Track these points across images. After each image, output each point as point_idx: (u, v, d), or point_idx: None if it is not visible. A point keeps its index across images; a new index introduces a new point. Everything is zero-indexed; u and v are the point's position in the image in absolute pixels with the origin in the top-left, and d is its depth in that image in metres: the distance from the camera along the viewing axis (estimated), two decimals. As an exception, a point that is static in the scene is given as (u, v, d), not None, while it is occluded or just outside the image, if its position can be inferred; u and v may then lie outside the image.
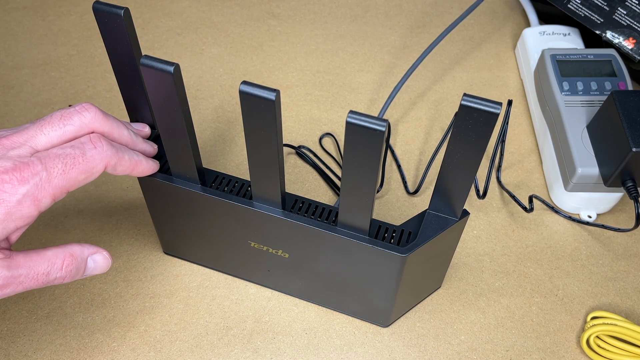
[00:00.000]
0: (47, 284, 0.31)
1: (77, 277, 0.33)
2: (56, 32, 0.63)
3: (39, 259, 0.30)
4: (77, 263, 0.32)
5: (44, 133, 0.31)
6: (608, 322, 0.42)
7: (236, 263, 0.44)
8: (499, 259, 0.47)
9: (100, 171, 0.32)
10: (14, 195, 0.28)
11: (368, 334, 0.43)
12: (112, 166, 0.32)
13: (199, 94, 0.58)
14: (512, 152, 0.54)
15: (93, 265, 0.33)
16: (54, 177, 0.30)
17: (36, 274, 0.30)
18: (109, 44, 0.34)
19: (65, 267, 0.31)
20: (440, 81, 0.60)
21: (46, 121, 0.31)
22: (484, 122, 0.30)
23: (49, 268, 0.31)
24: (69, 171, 0.30)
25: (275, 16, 0.66)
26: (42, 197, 0.29)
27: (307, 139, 0.55)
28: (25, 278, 0.30)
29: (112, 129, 0.33)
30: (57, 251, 0.32)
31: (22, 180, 0.29)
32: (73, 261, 0.32)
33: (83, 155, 0.31)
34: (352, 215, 0.35)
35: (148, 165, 0.36)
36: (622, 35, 0.54)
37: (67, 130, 0.31)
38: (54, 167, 0.30)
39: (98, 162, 0.31)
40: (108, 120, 0.33)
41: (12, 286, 0.29)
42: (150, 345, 0.42)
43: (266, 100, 0.29)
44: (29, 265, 0.30)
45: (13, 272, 0.29)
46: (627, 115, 0.44)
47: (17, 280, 0.29)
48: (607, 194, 0.48)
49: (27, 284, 0.30)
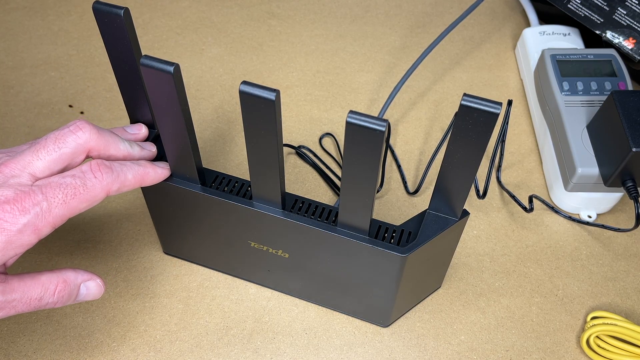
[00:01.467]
0: (38, 308, 0.31)
1: (69, 302, 0.33)
2: (56, 32, 0.63)
3: (32, 283, 0.31)
4: (70, 289, 0.33)
5: (40, 158, 0.31)
6: (608, 322, 0.42)
7: (236, 263, 0.44)
8: (499, 259, 0.47)
9: (102, 198, 0.32)
10: (15, 225, 0.29)
11: (368, 334, 0.43)
12: (116, 190, 0.33)
13: (199, 94, 0.58)
14: (512, 152, 0.54)
15: (85, 292, 0.34)
16: (54, 207, 0.30)
17: (29, 299, 0.30)
18: (109, 44, 0.34)
19: (57, 293, 0.32)
20: (440, 81, 0.60)
21: (41, 145, 0.31)
22: (484, 122, 0.30)
23: (42, 293, 0.31)
24: (70, 201, 0.30)
25: (275, 16, 0.66)
26: (42, 226, 0.30)
27: (307, 139, 0.55)
28: (18, 303, 0.30)
29: (107, 145, 0.33)
30: (51, 276, 0.32)
31: (23, 210, 0.29)
32: (66, 287, 0.32)
33: (84, 185, 0.31)
34: (352, 215, 0.35)
35: (157, 174, 0.36)
36: (622, 35, 0.54)
37: (63, 153, 0.31)
38: (54, 197, 0.30)
39: (99, 191, 0.32)
40: (103, 137, 0.33)
41: (4, 310, 0.30)
42: (150, 345, 0.42)
43: (266, 100, 0.29)
44: (23, 290, 0.30)
45: (7, 297, 0.30)
46: (627, 115, 0.44)
47: (10, 305, 0.30)
48: (607, 194, 0.48)
49: (20, 308, 0.30)
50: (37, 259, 0.46)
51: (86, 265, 0.45)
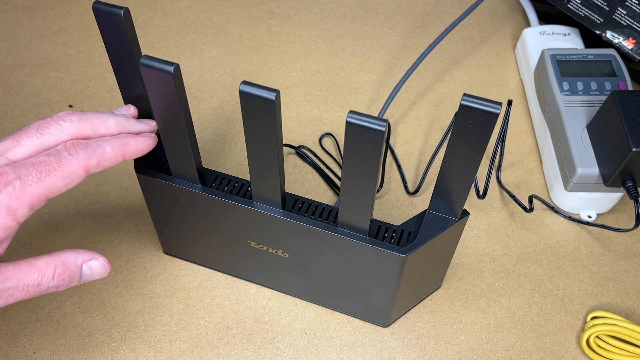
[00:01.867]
0: (40, 294, 0.30)
1: (73, 284, 0.32)
2: (56, 32, 0.63)
3: (29, 269, 0.30)
4: (71, 271, 0.31)
5: (22, 144, 0.31)
6: (608, 322, 0.42)
7: (236, 263, 0.44)
8: (499, 259, 0.47)
9: (82, 175, 0.31)
10: None
11: (368, 334, 0.43)
12: (95, 166, 0.32)
13: (199, 94, 0.58)
14: (512, 152, 0.54)
15: (89, 272, 0.33)
16: (28, 185, 0.29)
17: (26, 285, 0.30)
18: (109, 44, 0.34)
19: (57, 276, 0.31)
20: (440, 81, 0.60)
21: (24, 132, 0.31)
22: (484, 122, 0.30)
23: (39, 278, 0.30)
24: (45, 179, 0.30)
25: (275, 16, 0.66)
26: (17, 206, 0.29)
27: (307, 139, 0.55)
28: (14, 290, 0.29)
29: (95, 127, 0.33)
30: (48, 260, 0.31)
31: None
32: (65, 269, 0.31)
33: (59, 162, 0.30)
34: (352, 215, 0.35)
35: (139, 143, 0.34)
36: (622, 35, 0.54)
37: (46, 140, 0.31)
38: (27, 175, 0.29)
39: (76, 167, 0.31)
40: (88, 121, 0.32)
41: (2, 299, 0.29)
42: (150, 345, 0.42)
43: (266, 100, 0.29)
44: (19, 277, 0.29)
45: (2, 284, 0.29)
46: (627, 115, 0.44)
47: (7, 293, 0.29)
48: (607, 194, 0.48)
49: (18, 296, 0.30)
50: (37, 259, 0.46)
51: (86, 265, 0.45)
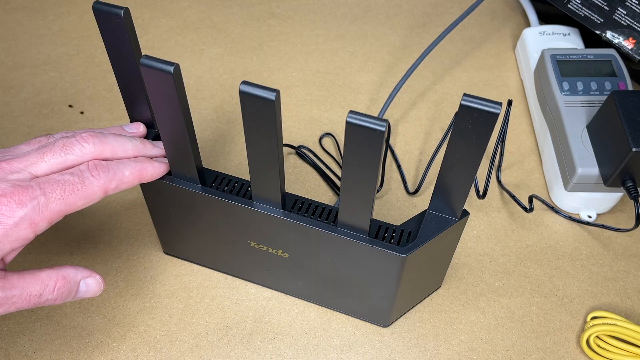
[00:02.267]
0: (38, 305, 0.32)
1: (69, 299, 0.33)
2: (56, 32, 0.63)
3: (32, 280, 0.31)
4: (70, 286, 0.33)
5: (45, 160, 0.32)
6: (608, 322, 0.42)
7: (236, 263, 0.44)
8: (499, 259, 0.47)
9: (100, 196, 0.33)
10: (12, 217, 0.29)
11: (368, 334, 0.43)
12: (114, 188, 0.33)
13: (199, 94, 0.58)
14: (512, 152, 0.54)
15: (85, 289, 0.34)
16: (52, 202, 0.31)
17: (29, 295, 0.31)
18: (109, 44, 0.34)
19: (57, 290, 0.32)
20: (440, 81, 0.60)
21: (49, 149, 0.32)
22: (484, 122, 0.30)
23: (41, 290, 0.31)
24: (67, 197, 0.31)
25: (275, 16, 0.66)
26: (39, 220, 0.30)
27: (307, 139, 0.55)
28: (18, 299, 0.30)
29: (114, 150, 0.34)
30: (51, 273, 0.32)
31: (20, 203, 0.30)
32: (65, 284, 0.33)
33: (82, 182, 0.32)
34: (352, 215, 0.35)
35: (155, 169, 0.36)
36: (622, 35, 0.54)
37: (68, 159, 0.33)
38: (52, 192, 0.31)
39: (97, 189, 0.32)
40: (108, 144, 0.34)
41: (4, 306, 0.30)
42: (150, 345, 0.42)
43: (266, 100, 0.29)
44: (22, 286, 0.31)
45: (7, 292, 0.30)
46: (627, 115, 0.44)
47: (10, 301, 0.30)
48: (607, 194, 0.48)
49: (19, 305, 0.31)
50: (37, 259, 0.46)
51: (86, 265, 0.45)
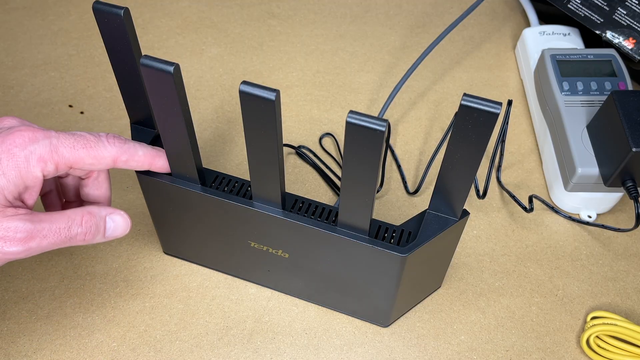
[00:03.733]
0: (69, 240, 0.33)
1: (98, 236, 0.34)
2: (56, 32, 0.63)
3: (59, 216, 0.32)
4: (96, 220, 0.34)
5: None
6: (608, 322, 0.42)
7: (236, 263, 0.44)
8: (499, 259, 0.47)
9: (109, 164, 0.34)
10: (23, 150, 0.31)
11: (368, 334, 0.43)
12: (124, 161, 0.35)
13: (199, 94, 0.58)
14: (512, 152, 0.54)
15: (113, 225, 0.35)
16: (62, 147, 0.32)
17: (58, 229, 0.32)
18: (109, 44, 0.34)
19: (85, 223, 0.33)
20: (440, 81, 0.60)
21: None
22: (484, 122, 0.30)
23: (69, 222, 0.32)
24: (78, 149, 0.33)
25: (275, 16, 0.66)
26: (47, 159, 0.32)
27: (307, 139, 0.55)
28: (48, 231, 0.31)
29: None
30: (76, 210, 0.34)
31: (34, 139, 0.31)
32: (92, 218, 0.34)
33: (96, 143, 0.33)
34: (352, 215, 0.35)
35: (165, 162, 0.37)
36: (622, 35, 0.54)
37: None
38: (65, 139, 0.32)
39: (107, 153, 0.34)
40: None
41: (37, 239, 0.31)
42: (150, 345, 0.42)
43: (266, 100, 0.29)
44: (50, 220, 0.32)
45: (37, 225, 0.31)
46: (627, 115, 0.44)
47: (41, 234, 0.31)
48: (607, 194, 0.48)
49: (51, 239, 0.32)
50: (37, 259, 0.46)
51: (86, 265, 0.46)
